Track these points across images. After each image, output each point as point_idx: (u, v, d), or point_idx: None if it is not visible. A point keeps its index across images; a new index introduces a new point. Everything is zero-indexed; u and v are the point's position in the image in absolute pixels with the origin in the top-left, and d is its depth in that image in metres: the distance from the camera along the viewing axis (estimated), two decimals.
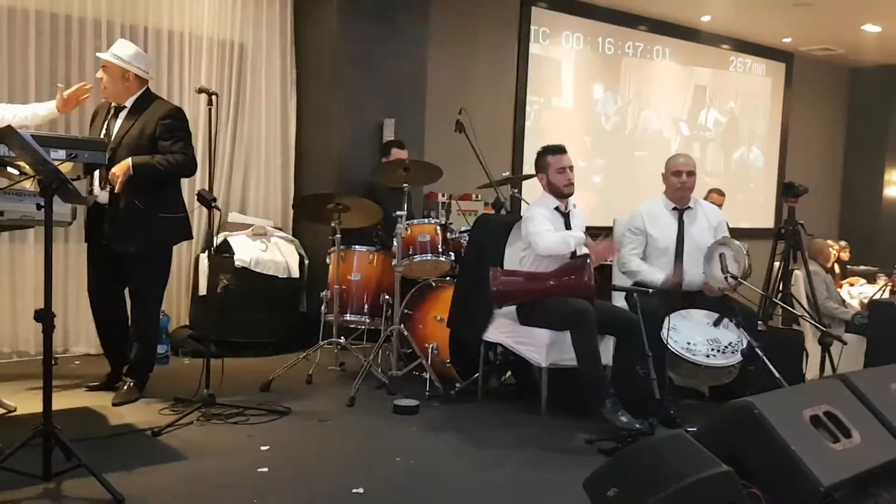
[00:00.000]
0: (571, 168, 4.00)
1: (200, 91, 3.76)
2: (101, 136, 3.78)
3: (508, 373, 4.46)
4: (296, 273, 5.16)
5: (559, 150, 4.02)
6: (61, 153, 3.03)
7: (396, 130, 5.58)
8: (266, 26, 5.53)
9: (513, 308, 3.91)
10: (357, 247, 4.52)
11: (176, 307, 5.17)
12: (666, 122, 8.36)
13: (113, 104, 3.84)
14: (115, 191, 3.60)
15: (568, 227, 3.97)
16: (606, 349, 3.83)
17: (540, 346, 3.79)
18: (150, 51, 4.93)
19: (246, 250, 5.03)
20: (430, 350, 4.18)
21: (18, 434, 2.76)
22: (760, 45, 8.86)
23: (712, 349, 3.76)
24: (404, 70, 5.69)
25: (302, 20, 5.69)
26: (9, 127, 2.52)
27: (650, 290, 3.88)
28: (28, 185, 3.17)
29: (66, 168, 3.01)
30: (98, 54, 3.80)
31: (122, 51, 3.81)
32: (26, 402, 3.54)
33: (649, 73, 8.14)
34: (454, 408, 3.95)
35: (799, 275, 4.99)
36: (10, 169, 3.14)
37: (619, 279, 4.34)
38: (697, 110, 8.62)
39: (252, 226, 5.24)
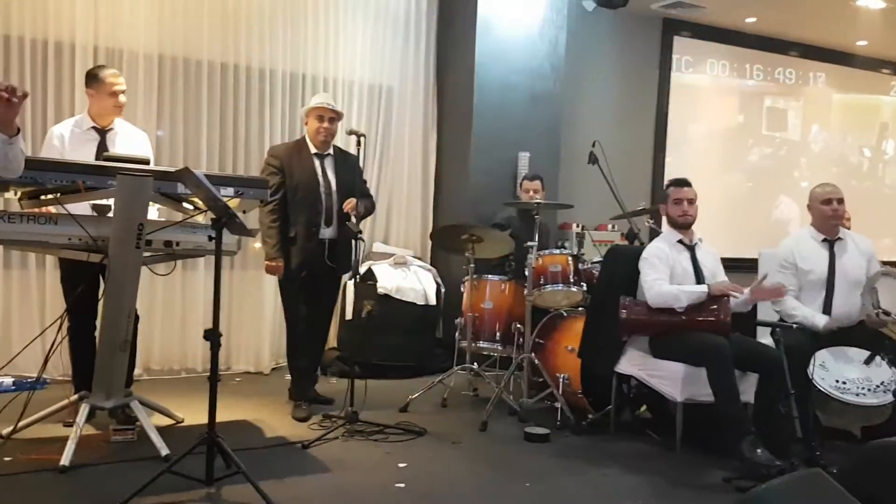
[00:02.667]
0: (691, 201, 3.93)
1: (350, 133, 4.08)
2: (321, 179, 4.18)
3: (644, 406, 4.41)
4: (433, 300, 5.39)
5: (680, 182, 3.99)
6: (230, 190, 3.39)
7: (531, 163, 5.72)
8: (412, 70, 5.88)
9: (646, 340, 3.89)
10: (489, 276, 4.64)
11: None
12: (853, 148, 8.38)
13: (315, 151, 4.22)
14: (353, 216, 4.07)
15: (695, 260, 3.90)
16: (748, 385, 3.71)
17: (674, 380, 3.73)
18: (307, 96, 5.38)
19: (388, 278, 5.32)
20: (561, 380, 4.21)
21: (185, 442, 3.05)
22: None
23: (863, 388, 3.56)
24: (539, 105, 5.82)
25: (443, 62, 5.99)
26: (186, 168, 2.87)
27: (794, 325, 3.74)
28: (200, 218, 3.57)
29: (233, 203, 3.37)
30: (330, 106, 4.20)
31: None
32: (193, 415, 3.92)
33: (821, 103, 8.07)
34: (585, 439, 3.96)
35: None
36: (185, 204, 3.55)
37: (763, 313, 4.20)
38: (881, 141, 8.57)
39: (394, 255, 5.54)
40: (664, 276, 3.81)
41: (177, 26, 4.99)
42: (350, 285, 5.28)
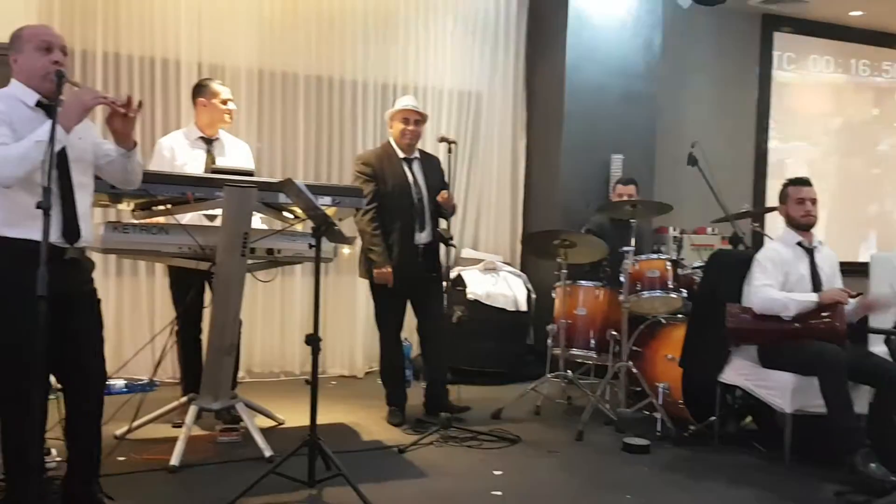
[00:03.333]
0: (814, 201, 3.79)
1: (442, 140, 4.10)
2: (412, 184, 4.18)
3: (749, 417, 4.23)
4: (523, 306, 5.35)
5: (801, 181, 3.86)
6: (327, 199, 3.47)
7: (625, 166, 5.61)
8: (500, 75, 5.88)
9: (753, 349, 3.74)
10: (583, 282, 4.55)
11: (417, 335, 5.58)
12: None
13: (402, 156, 4.23)
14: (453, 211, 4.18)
15: (813, 264, 3.73)
16: (861, 395, 3.51)
17: (784, 390, 3.57)
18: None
19: (478, 284, 5.32)
20: (660, 389, 4.09)
21: (286, 444, 3.15)
22: None
23: None
24: (633, 106, 5.72)
25: (532, 66, 5.96)
26: (289, 179, 2.95)
27: None
28: (299, 227, 3.66)
29: (330, 212, 3.44)
30: (415, 108, 4.22)
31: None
32: (291, 416, 4.03)
33: None
34: (687, 450, 3.84)
35: None
36: (285, 213, 3.65)
37: (875, 320, 3.96)
38: None
39: (483, 261, 5.53)
40: (774, 282, 3.65)
41: (275, 43, 5.17)
42: None
